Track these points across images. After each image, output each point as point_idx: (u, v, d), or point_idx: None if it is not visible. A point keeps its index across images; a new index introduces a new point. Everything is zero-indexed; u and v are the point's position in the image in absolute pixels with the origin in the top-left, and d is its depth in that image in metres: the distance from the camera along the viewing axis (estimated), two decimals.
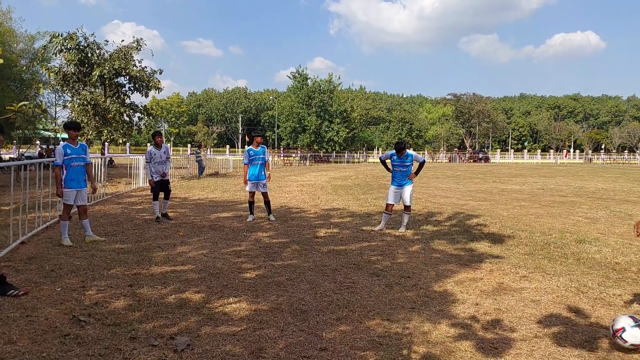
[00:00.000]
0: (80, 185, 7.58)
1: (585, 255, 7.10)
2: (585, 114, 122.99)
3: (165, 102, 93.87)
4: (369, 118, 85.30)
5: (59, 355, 3.52)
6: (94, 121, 21.04)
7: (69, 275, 5.60)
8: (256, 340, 3.89)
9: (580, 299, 5.07)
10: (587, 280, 5.77)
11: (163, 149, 10.09)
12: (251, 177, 9.94)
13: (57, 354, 3.54)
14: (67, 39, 20.99)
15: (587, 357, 3.66)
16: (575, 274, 6.08)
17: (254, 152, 9.95)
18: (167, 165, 10.23)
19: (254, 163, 9.95)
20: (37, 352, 3.55)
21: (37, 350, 3.59)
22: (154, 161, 9.94)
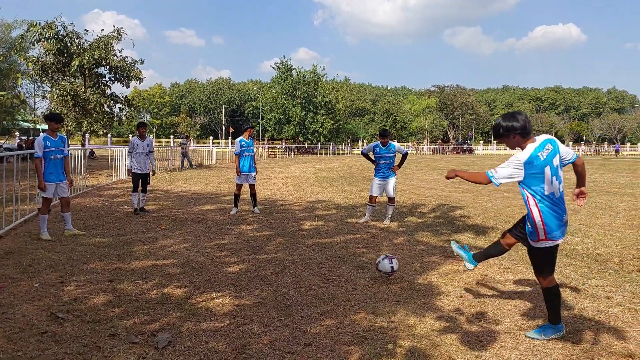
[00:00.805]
0: (59, 178, 7.44)
1: (568, 246, 7.16)
2: (566, 105, 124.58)
3: (147, 92, 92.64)
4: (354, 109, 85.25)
5: (35, 354, 3.41)
6: (74, 112, 20.59)
7: (47, 271, 5.46)
8: (240, 336, 3.82)
9: (564, 290, 5.09)
10: (569, 271, 5.81)
11: (146, 141, 9.94)
12: (243, 169, 9.82)
13: (33, 352, 3.44)
14: (46, 27, 20.45)
15: (571, 350, 3.67)
16: (558, 265, 6.07)
17: (245, 143, 9.84)
18: (151, 158, 10.07)
19: (245, 154, 9.83)
20: (12, 351, 3.44)
21: (12, 349, 3.48)
22: (136, 152, 9.79)
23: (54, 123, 7.44)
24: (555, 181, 3.72)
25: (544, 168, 3.67)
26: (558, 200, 3.74)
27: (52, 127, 7.44)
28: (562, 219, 3.75)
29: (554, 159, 3.73)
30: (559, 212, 3.74)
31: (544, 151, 3.70)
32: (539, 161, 3.67)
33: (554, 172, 3.71)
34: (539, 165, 3.67)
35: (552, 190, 3.71)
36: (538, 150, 3.69)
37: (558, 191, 3.75)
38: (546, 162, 3.68)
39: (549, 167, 3.69)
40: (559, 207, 3.74)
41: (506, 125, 3.76)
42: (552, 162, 3.71)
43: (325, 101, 57.04)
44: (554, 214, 3.71)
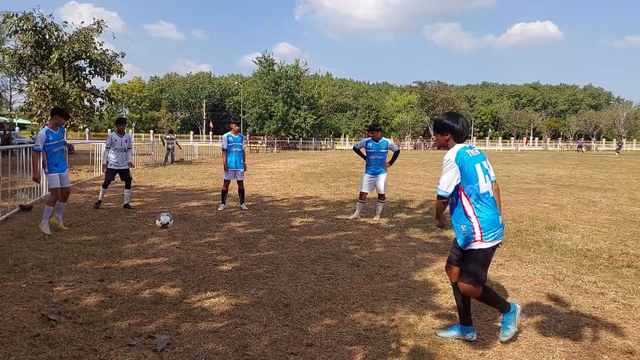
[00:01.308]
0: (62, 168, 7.56)
1: (557, 242, 7.24)
2: (544, 102, 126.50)
3: (126, 86, 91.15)
4: (336, 105, 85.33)
5: (29, 358, 3.29)
6: (53, 106, 20.12)
7: (34, 270, 5.29)
8: (239, 336, 3.75)
9: (558, 287, 5.14)
10: (561, 267, 5.86)
11: (125, 137, 9.79)
12: (230, 165, 9.67)
13: (27, 356, 3.31)
14: (23, 19, 19.93)
15: (572, 347, 3.68)
16: (550, 261, 6.18)
17: (233, 138, 9.68)
18: (129, 154, 9.91)
19: (232, 150, 9.68)
20: (5, 356, 3.31)
21: (4, 353, 3.35)
22: (114, 147, 9.64)
23: (63, 118, 7.63)
24: (489, 180, 3.64)
25: (475, 165, 3.59)
26: (492, 200, 3.63)
27: (59, 122, 7.59)
28: (498, 220, 3.62)
29: (482, 161, 3.67)
30: (495, 212, 3.61)
31: (471, 150, 3.66)
32: (467, 157, 3.57)
33: (485, 172, 3.63)
34: (469, 161, 3.57)
35: (487, 189, 3.60)
36: (465, 149, 3.62)
37: (491, 191, 3.64)
38: (475, 160, 3.62)
39: (480, 165, 3.62)
40: (494, 206, 3.63)
41: (447, 123, 3.69)
42: (481, 162, 3.65)
43: (307, 96, 56.90)
44: (490, 213, 3.57)
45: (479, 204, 3.56)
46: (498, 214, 3.64)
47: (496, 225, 3.59)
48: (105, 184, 9.73)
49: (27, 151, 10.07)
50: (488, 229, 3.55)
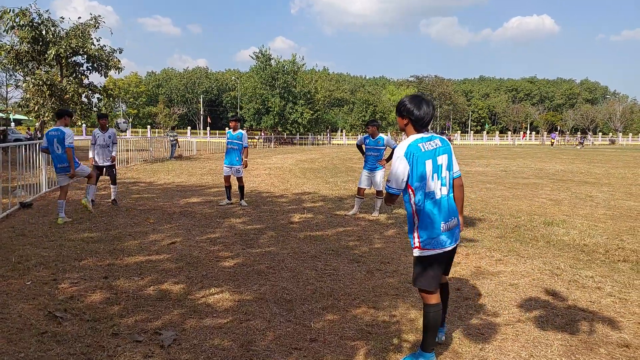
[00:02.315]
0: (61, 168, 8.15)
1: (555, 237, 7.32)
2: (541, 96, 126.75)
3: (122, 81, 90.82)
4: (333, 100, 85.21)
5: (38, 355, 3.34)
6: (51, 102, 20.09)
7: (38, 268, 5.34)
8: (244, 332, 3.81)
9: (556, 282, 5.22)
10: (559, 262, 5.94)
11: (108, 133, 9.79)
12: (225, 161, 9.88)
13: (36, 353, 3.37)
14: (19, 15, 19.84)
15: (570, 340, 3.76)
16: (547, 256, 6.26)
17: (230, 135, 9.84)
18: (113, 149, 9.95)
19: (229, 147, 9.85)
20: (14, 353, 3.37)
21: (13, 350, 3.41)
22: (97, 143, 9.66)
23: (70, 118, 8.50)
24: (437, 180, 3.29)
25: (425, 160, 3.25)
26: (440, 202, 3.29)
27: (67, 122, 8.28)
28: (440, 226, 3.25)
29: (439, 157, 3.32)
30: (437, 217, 3.25)
31: (426, 143, 3.30)
32: (419, 152, 3.24)
33: (435, 170, 3.28)
34: (420, 157, 3.23)
35: (433, 188, 3.27)
36: (420, 141, 3.29)
37: (439, 192, 3.29)
38: (428, 156, 3.27)
39: (431, 161, 3.27)
40: (441, 211, 3.28)
41: (407, 107, 3.35)
42: (435, 157, 3.29)
43: (304, 91, 56.80)
44: (431, 216, 3.25)
45: (423, 204, 3.27)
46: (442, 220, 3.28)
47: (435, 232, 3.25)
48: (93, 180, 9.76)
49: (25, 148, 10.10)
50: (424, 235, 3.27)
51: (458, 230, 3.44)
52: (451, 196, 3.41)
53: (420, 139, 3.32)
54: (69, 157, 7.87)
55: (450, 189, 3.41)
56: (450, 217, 3.33)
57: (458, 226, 3.44)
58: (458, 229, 3.44)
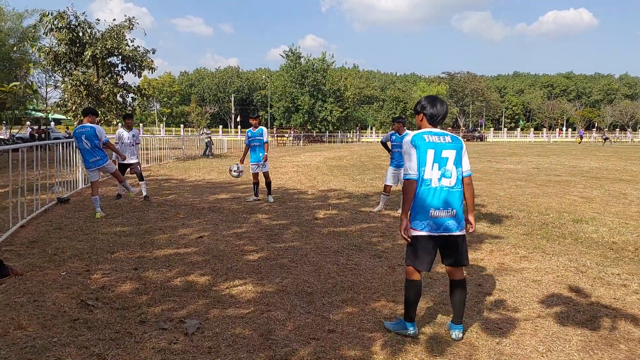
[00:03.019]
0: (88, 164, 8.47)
1: (583, 234, 7.19)
2: (578, 92, 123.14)
3: (156, 81, 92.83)
4: (363, 97, 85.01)
5: (70, 340, 3.54)
6: (87, 102, 20.79)
7: (72, 259, 5.60)
8: (265, 322, 3.93)
9: (580, 279, 5.16)
10: (585, 259, 5.86)
11: (132, 132, 10.13)
12: (252, 160, 10.03)
13: (68, 338, 3.57)
14: (57, 17, 20.60)
15: (589, 336, 3.74)
16: (574, 253, 6.17)
17: (251, 133, 9.99)
18: (137, 148, 10.34)
19: (252, 145, 10.01)
20: (47, 337, 3.58)
21: (47, 335, 3.62)
22: (122, 142, 9.98)
23: (96, 116, 8.73)
24: (437, 170, 3.52)
25: (427, 149, 3.53)
26: (435, 191, 3.51)
27: (93, 120, 8.50)
28: (429, 211, 3.48)
29: (445, 150, 3.55)
30: (428, 204, 3.49)
31: (433, 136, 3.59)
32: (422, 142, 3.55)
33: (437, 159, 3.52)
34: (422, 145, 3.53)
35: (430, 176, 3.52)
36: (426, 133, 3.60)
37: (437, 182, 3.52)
38: (431, 146, 3.54)
39: (434, 151, 3.52)
40: (432, 198, 3.50)
41: (423, 104, 3.72)
42: (440, 150, 3.53)
43: (334, 89, 56.87)
44: (423, 201, 3.50)
45: (418, 189, 3.53)
46: (432, 207, 3.49)
47: (424, 216, 3.49)
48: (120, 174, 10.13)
49: (63, 146, 10.52)
50: (414, 216, 3.53)
51: (454, 222, 3.54)
52: (455, 191, 3.56)
53: (428, 132, 3.62)
54: (112, 148, 8.52)
55: (457, 184, 3.58)
56: (444, 207, 3.52)
57: (454, 219, 3.54)
58: (454, 221, 3.54)
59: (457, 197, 3.57)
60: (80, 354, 3.35)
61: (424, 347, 3.55)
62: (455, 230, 3.55)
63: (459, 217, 3.57)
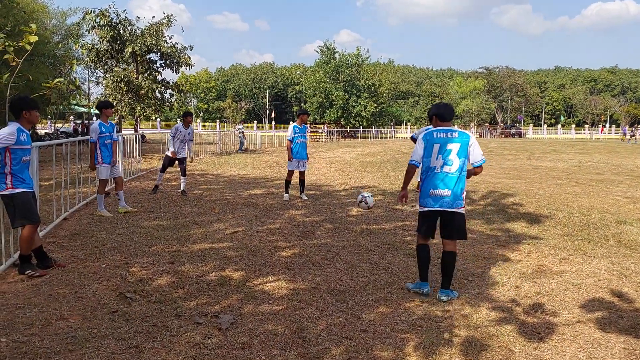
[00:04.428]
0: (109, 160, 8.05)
1: (627, 237, 6.92)
2: (622, 87, 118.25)
3: (194, 77, 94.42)
4: (398, 92, 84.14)
5: (109, 332, 3.65)
6: (127, 98, 21.34)
7: (112, 252, 5.77)
8: (297, 320, 3.95)
9: (623, 283, 4.97)
10: (629, 263, 5.64)
11: (189, 129, 10.31)
12: (295, 155, 9.71)
13: (107, 330, 3.68)
14: (100, 15, 21.20)
15: (633, 344, 3.59)
16: (617, 256, 5.95)
17: (299, 129, 9.74)
18: (189, 145, 10.49)
19: (298, 141, 9.71)
20: (88, 329, 3.69)
21: (87, 326, 3.73)
22: (178, 138, 10.15)
23: (110, 110, 8.18)
24: (441, 159, 4.46)
25: (434, 144, 4.49)
26: (436, 175, 4.49)
27: (108, 113, 8.08)
28: (429, 191, 4.50)
29: (450, 144, 4.44)
30: (429, 185, 4.51)
31: (442, 133, 4.50)
32: (431, 137, 4.52)
33: (441, 152, 4.45)
34: (430, 140, 4.52)
35: (434, 164, 4.49)
36: (435, 131, 4.54)
37: (440, 168, 4.47)
38: (438, 141, 4.48)
39: (439, 145, 4.46)
40: (434, 181, 4.48)
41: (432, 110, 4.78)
42: (445, 143, 4.45)
43: (368, 84, 56.52)
44: (427, 184, 4.53)
45: (424, 175, 4.57)
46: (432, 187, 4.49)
47: (427, 195, 4.54)
48: (162, 169, 10.37)
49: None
50: (422, 195, 4.62)
51: (449, 200, 4.45)
52: (453, 176, 4.45)
53: (438, 129, 4.56)
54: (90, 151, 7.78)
55: (457, 171, 4.46)
56: (441, 187, 4.46)
57: (449, 197, 4.45)
58: (449, 199, 4.45)
59: (455, 181, 4.45)
60: (119, 345, 3.44)
61: (459, 350, 3.49)
62: (449, 207, 4.45)
63: (455, 196, 4.44)
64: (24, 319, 3.84)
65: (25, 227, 4.85)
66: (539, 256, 5.92)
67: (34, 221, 4.92)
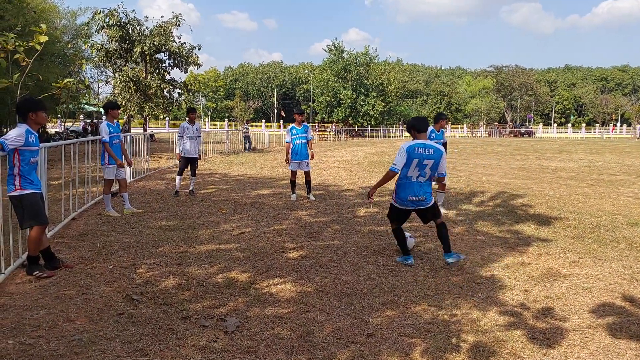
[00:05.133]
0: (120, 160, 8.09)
1: (638, 239, 6.82)
2: (634, 86, 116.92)
3: (202, 76, 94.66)
4: (406, 91, 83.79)
5: (115, 334, 3.65)
6: (136, 97, 21.44)
7: (119, 253, 5.78)
8: (303, 323, 3.93)
9: (635, 287, 4.89)
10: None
11: (196, 126, 10.28)
12: (294, 157, 9.79)
13: (113, 332, 3.68)
14: (109, 15, 21.30)
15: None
16: (628, 259, 5.86)
17: (296, 130, 9.76)
18: (199, 142, 10.44)
19: (297, 142, 9.74)
20: (94, 331, 3.69)
21: (94, 328, 3.74)
22: (186, 135, 10.13)
23: (116, 110, 8.22)
24: (417, 171, 5.33)
25: (413, 158, 5.30)
26: (412, 184, 5.37)
27: (114, 114, 8.13)
28: (407, 197, 5.37)
29: (425, 160, 5.30)
30: (406, 192, 5.39)
31: (421, 149, 5.31)
32: (412, 152, 5.30)
33: (418, 165, 5.30)
34: (411, 154, 5.31)
35: (411, 174, 5.35)
36: (417, 146, 5.32)
37: (416, 178, 5.35)
38: (417, 156, 5.29)
39: (417, 160, 5.29)
40: (412, 189, 5.36)
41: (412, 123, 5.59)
42: (422, 159, 5.29)
43: (376, 83, 56.37)
44: (404, 190, 5.41)
45: (400, 181, 5.45)
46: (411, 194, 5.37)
47: (405, 199, 5.42)
48: (180, 172, 10.28)
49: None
50: (398, 197, 5.50)
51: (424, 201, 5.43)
52: (425, 183, 5.42)
53: (419, 144, 5.36)
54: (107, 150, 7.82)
55: (428, 180, 5.44)
56: (417, 194, 5.37)
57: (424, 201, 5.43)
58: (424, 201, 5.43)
59: (427, 186, 5.45)
60: (125, 348, 3.44)
61: (466, 355, 3.45)
62: (425, 205, 5.47)
63: (428, 197, 5.44)
64: (31, 320, 3.85)
65: (33, 228, 4.87)
66: (548, 259, 5.85)
67: (42, 222, 4.94)
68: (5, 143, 4.68)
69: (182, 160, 10.23)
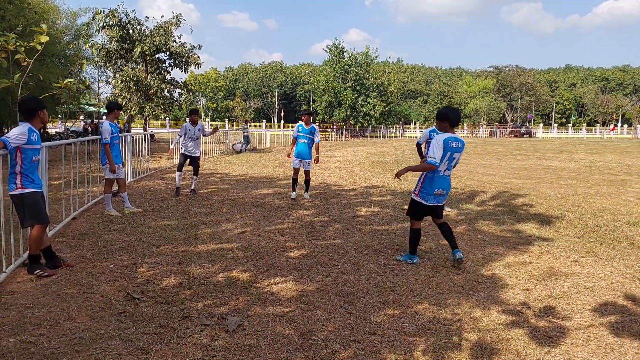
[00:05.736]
0: (119, 160, 8.14)
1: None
2: (635, 86, 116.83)
3: (202, 76, 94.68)
4: (406, 91, 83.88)
5: (116, 333, 3.64)
6: (137, 97, 21.44)
7: (120, 252, 5.77)
8: (305, 322, 3.92)
9: (637, 286, 4.88)
10: None
11: (198, 127, 10.31)
12: (296, 154, 9.82)
13: (114, 331, 3.67)
14: (109, 15, 21.31)
15: None
16: (630, 258, 5.85)
17: (302, 129, 9.80)
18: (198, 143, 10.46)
19: (300, 141, 9.79)
20: (95, 329, 3.69)
21: (95, 327, 3.73)
22: (187, 136, 10.16)
23: (120, 111, 8.40)
24: (446, 164, 5.29)
25: (447, 152, 5.22)
26: (440, 177, 5.31)
27: (117, 115, 8.26)
28: (433, 191, 5.31)
29: (455, 153, 5.28)
30: (433, 185, 5.30)
31: (454, 143, 5.26)
32: (447, 145, 5.21)
33: (449, 159, 5.29)
34: (446, 148, 5.21)
35: (441, 167, 5.27)
36: (450, 139, 5.24)
37: (443, 171, 5.31)
38: (450, 150, 5.24)
39: (450, 154, 5.24)
40: (437, 182, 5.30)
41: (444, 113, 5.46)
42: (453, 152, 5.26)
43: (377, 83, 56.37)
44: (432, 183, 5.30)
45: (430, 174, 5.32)
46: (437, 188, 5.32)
47: (429, 193, 5.34)
48: (179, 167, 10.32)
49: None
50: (424, 192, 5.38)
51: (443, 198, 5.48)
52: (448, 176, 5.41)
53: (452, 137, 5.27)
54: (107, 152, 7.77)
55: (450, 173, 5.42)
56: (441, 187, 5.35)
57: (444, 196, 5.46)
58: (443, 197, 5.48)
59: (449, 180, 5.48)
60: (126, 347, 3.43)
61: (468, 354, 3.44)
62: (440, 202, 5.49)
63: (447, 191, 5.46)
64: (33, 319, 3.85)
65: (34, 227, 4.86)
66: (549, 258, 5.84)
67: (43, 221, 4.93)
68: (8, 141, 4.68)
69: (181, 156, 10.27)
